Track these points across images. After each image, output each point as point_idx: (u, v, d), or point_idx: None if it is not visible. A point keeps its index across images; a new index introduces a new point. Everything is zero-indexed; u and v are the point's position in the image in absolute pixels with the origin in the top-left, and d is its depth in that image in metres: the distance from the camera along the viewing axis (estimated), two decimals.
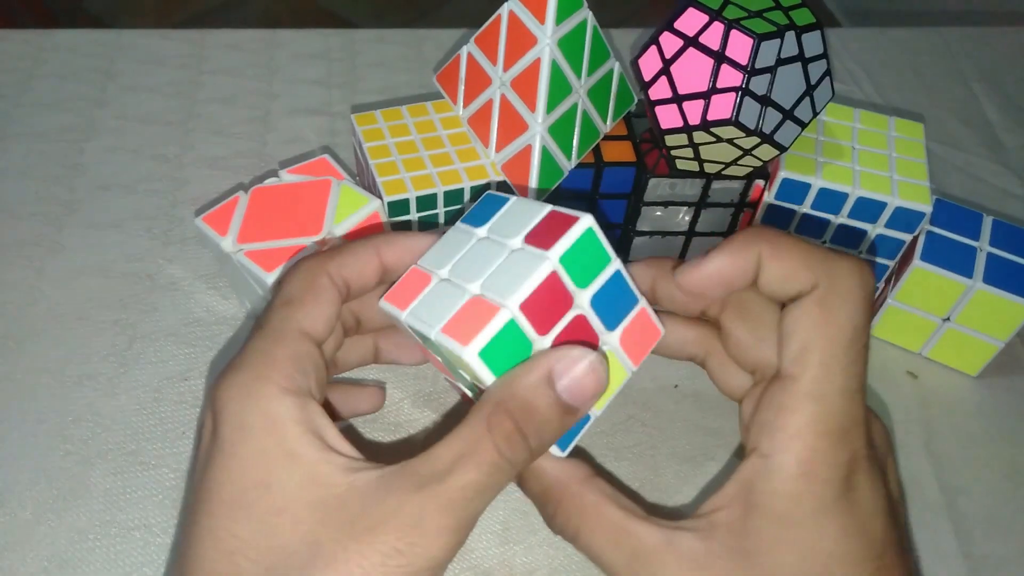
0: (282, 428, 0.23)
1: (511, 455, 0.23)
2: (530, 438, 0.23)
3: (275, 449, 0.23)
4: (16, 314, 0.37)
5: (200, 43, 0.54)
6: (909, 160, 0.39)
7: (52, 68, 0.50)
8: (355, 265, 0.27)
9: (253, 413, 0.23)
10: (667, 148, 0.36)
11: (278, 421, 0.23)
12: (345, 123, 0.49)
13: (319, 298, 0.26)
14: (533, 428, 0.23)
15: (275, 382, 0.24)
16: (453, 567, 0.31)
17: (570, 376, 0.23)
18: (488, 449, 0.23)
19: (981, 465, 0.36)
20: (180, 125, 0.48)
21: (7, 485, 0.32)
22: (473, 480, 0.22)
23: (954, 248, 0.37)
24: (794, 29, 0.33)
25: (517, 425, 0.23)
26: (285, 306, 0.26)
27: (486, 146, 0.37)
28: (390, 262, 0.27)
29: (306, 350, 0.25)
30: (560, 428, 0.24)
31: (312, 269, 0.27)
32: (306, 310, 0.26)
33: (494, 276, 0.24)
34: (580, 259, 0.24)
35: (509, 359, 0.23)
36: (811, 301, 0.24)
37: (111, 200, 0.43)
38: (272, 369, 0.24)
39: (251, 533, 0.22)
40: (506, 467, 0.23)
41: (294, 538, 0.22)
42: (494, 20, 0.36)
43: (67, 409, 0.34)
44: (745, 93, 0.33)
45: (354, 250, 0.27)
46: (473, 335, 0.23)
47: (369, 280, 0.27)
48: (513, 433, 0.23)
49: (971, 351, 0.39)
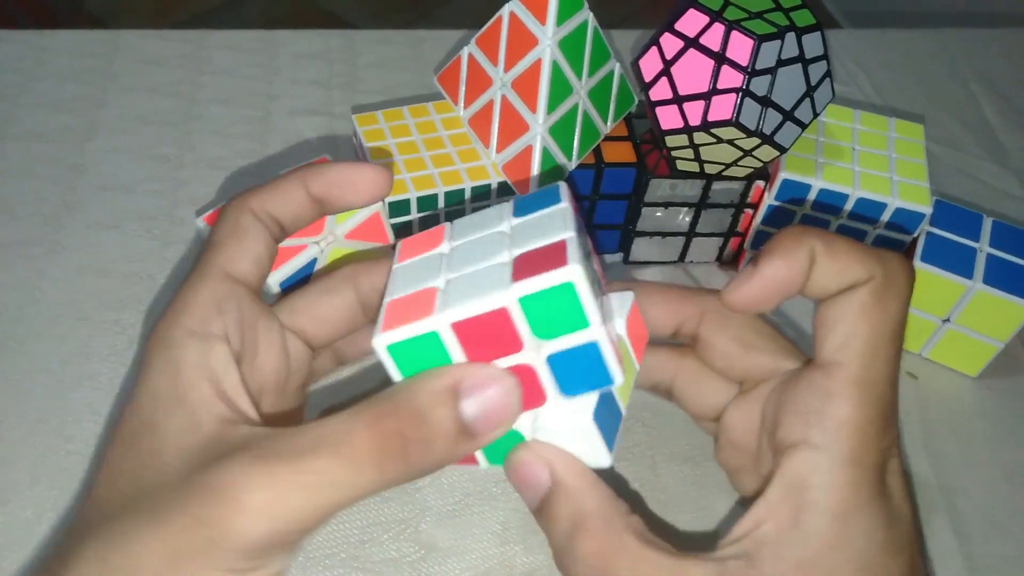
0: (177, 371, 0.23)
1: (380, 461, 0.21)
2: (411, 451, 0.21)
3: (167, 392, 0.23)
4: (16, 314, 0.37)
5: (200, 44, 0.54)
6: (909, 161, 0.39)
7: (52, 69, 0.50)
8: (280, 199, 0.26)
9: (157, 356, 0.23)
10: (668, 149, 0.36)
11: (177, 364, 0.23)
12: (345, 124, 0.49)
13: (243, 237, 0.25)
14: (418, 441, 0.21)
15: (183, 325, 0.23)
16: (452, 567, 0.31)
17: (478, 397, 0.21)
18: (353, 443, 0.21)
19: (981, 466, 0.36)
20: (180, 126, 0.48)
21: (8, 484, 0.32)
22: (321, 468, 0.20)
23: (954, 249, 0.37)
24: (795, 30, 0.33)
25: (400, 431, 0.21)
26: (208, 249, 0.26)
27: (487, 147, 0.37)
28: (318, 193, 0.26)
29: (224, 290, 0.25)
30: (450, 452, 0.22)
31: (235, 208, 0.26)
32: (228, 250, 0.25)
33: (464, 279, 0.22)
34: (547, 310, 0.21)
35: (423, 367, 0.22)
36: (865, 292, 0.23)
37: (111, 200, 0.43)
38: (183, 313, 0.24)
39: (131, 467, 0.22)
40: (368, 472, 0.21)
41: (158, 478, 0.22)
42: (495, 21, 0.36)
43: (68, 409, 0.34)
44: (746, 94, 0.33)
45: (278, 184, 0.26)
46: (394, 326, 0.21)
47: (300, 214, 0.26)
48: (393, 438, 0.21)
49: (971, 352, 0.39)
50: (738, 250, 0.42)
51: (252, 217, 0.26)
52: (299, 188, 0.26)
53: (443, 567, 0.31)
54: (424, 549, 0.31)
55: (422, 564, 0.31)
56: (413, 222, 0.37)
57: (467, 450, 0.22)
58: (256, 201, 0.26)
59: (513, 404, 0.22)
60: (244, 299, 0.25)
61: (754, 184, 0.39)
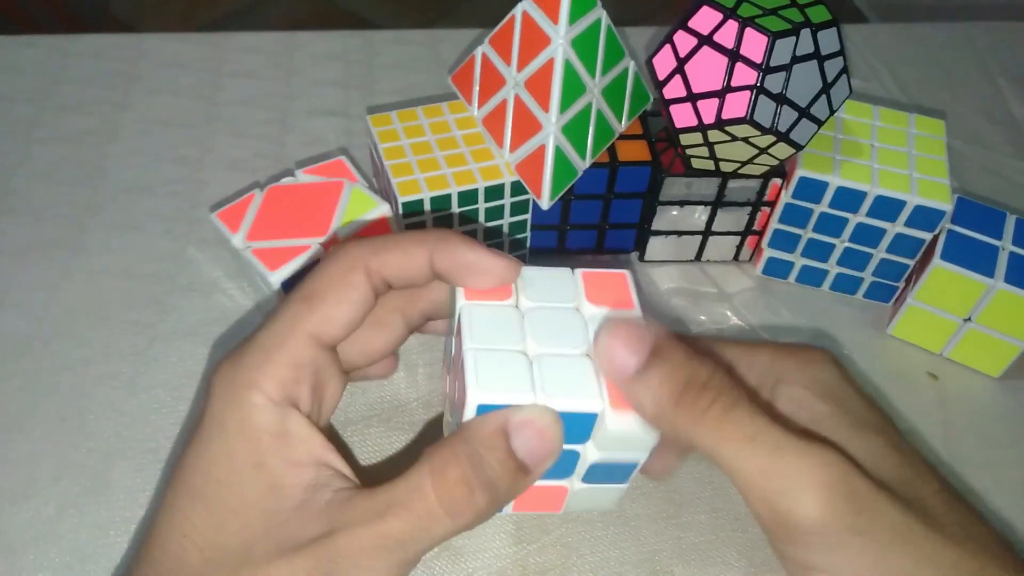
0: (255, 437, 0.24)
1: (452, 510, 0.22)
2: (478, 496, 0.22)
3: (244, 455, 0.24)
4: (40, 314, 0.38)
5: (220, 46, 0.54)
6: (929, 158, 0.38)
7: (76, 72, 0.51)
8: (399, 263, 0.25)
9: (233, 415, 0.24)
10: (682, 147, 0.36)
11: (254, 430, 0.24)
12: (362, 124, 0.49)
13: (344, 296, 0.25)
14: (482, 485, 0.22)
15: (263, 389, 0.24)
16: (466, 566, 0.31)
17: (526, 432, 0.23)
18: (424, 498, 0.22)
19: (1003, 468, 0.35)
20: (200, 128, 0.48)
21: (31, 480, 0.32)
22: (399, 528, 0.22)
23: (976, 247, 0.37)
24: (810, 27, 0.33)
25: (465, 479, 0.22)
26: (303, 300, 0.25)
27: (500, 146, 0.37)
28: (443, 268, 0.25)
29: (309, 357, 0.25)
30: (510, 489, 0.23)
31: (347, 259, 0.25)
32: (324, 310, 0.25)
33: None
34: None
35: None
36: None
37: (133, 202, 0.44)
38: (263, 375, 0.24)
39: (204, 523, 0.23)
40: (443, 522, 0.22)
41: (237, 539, 0.23)
42: (508, 21, 0.36)
43: (88, 407, 0.35)
44: (760, 91, 0.32)
45: (400, 246, 0.25)
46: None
47: (414, 280, 0.26)
48: (459, 483, 0.22)
49: (993, 352, 0.38)
50: (755, 249, 0.42)
51: (363, 277, 0.25)
52: (422, 257, 0.25)
53: (456, 566, 0.31)
54: (438, 548, 0.31)
55: (435, 563, 0.31)
56: (425, 222, 0.37)
57: (525, 485, 0.24)
58: (376, 260, 0.25)
59: (556, 434, 0.23)
60: (322, 366, 0.26)
61: (771, 182, 0.38)
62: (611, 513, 0.32)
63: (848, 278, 0.41)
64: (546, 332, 0.24)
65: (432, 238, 0.26)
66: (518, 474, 0.23)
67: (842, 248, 0.39)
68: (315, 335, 0.25)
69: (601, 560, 0.31)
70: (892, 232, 0.38)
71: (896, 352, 0.40)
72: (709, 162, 0.37)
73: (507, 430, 0.23)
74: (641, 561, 0.31)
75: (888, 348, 0.40)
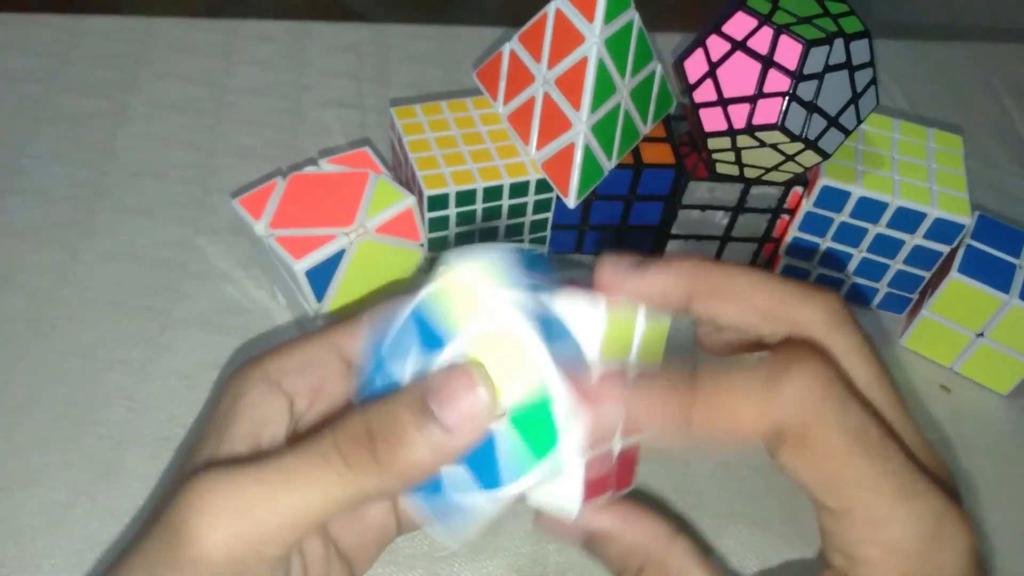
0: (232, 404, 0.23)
1: (348, 459, 0.20)
2: (380, 448, 0.20)
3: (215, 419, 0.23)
4: (48, 297, 0.37)
5: (231, 33, 0.54)
6: (948, 172, 0.39)
7: (84, 53, 0.50)
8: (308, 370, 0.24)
9: (228, 389, 0.23)
10: (708, 151, 0.36)
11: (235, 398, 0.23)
12: (376, 117, 0.49)
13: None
14: (386, 437, 0.20)
15: (263, 369, 0.24)
16: (485, 563, 0.31)
17: (443, 383, 0.20)
18: (323, 444, 0.20)
19: (1015, 482, 0.36)
20: (211, 114, 0.48)
21: (40, 466, 0.31)
22: (282, 468, 0.20)
23: (993, 263, 0.37)
24: (843, 36, 0.33)
25: (368, 428, 0.20)
26: (342, 320, 0.25)
27: (526, 144, 0.37)
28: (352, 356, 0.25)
29: (321, 357, 0.24)
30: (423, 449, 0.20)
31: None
32: (352, 329, 0.24)
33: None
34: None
35: None
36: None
37: (143, 186, 0.43)
38: (271, 360, 0.24)
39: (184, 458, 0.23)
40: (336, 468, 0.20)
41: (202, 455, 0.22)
42: (540, 18, 0.36)
43: (99, 393, 0.34)
44: (792, 98, 0.33)
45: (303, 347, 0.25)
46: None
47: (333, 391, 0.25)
48: (359, 434, 0.20)
49: (1003, 369, 0.38)
50: (772, 256, 0.42)
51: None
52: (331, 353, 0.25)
53: (476, 563, 0.31)
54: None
55: (455, 560, 0.31)
56: (449, 216, 0.37)
57: (445, 451, 0.20)
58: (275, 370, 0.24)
59: (483, 397, 0.20)
60: (335, 373, 0.24)
61: (792, 190, 0.39)
62: None
63: (864, 288, 0.41)
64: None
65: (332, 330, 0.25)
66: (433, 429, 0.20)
67: (859, 258, 0.40)
68: (337, 344, 0.25)
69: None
70: (910, 244, 0.38)
71: (908, 364, 0.40)
72: (734, 167, 0.37)
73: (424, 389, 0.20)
74: None
75: (900, 359, 0.40)
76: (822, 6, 0.34)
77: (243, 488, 0.20)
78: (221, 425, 0.23)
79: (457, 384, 0.20)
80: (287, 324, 0.38)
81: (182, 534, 0.19)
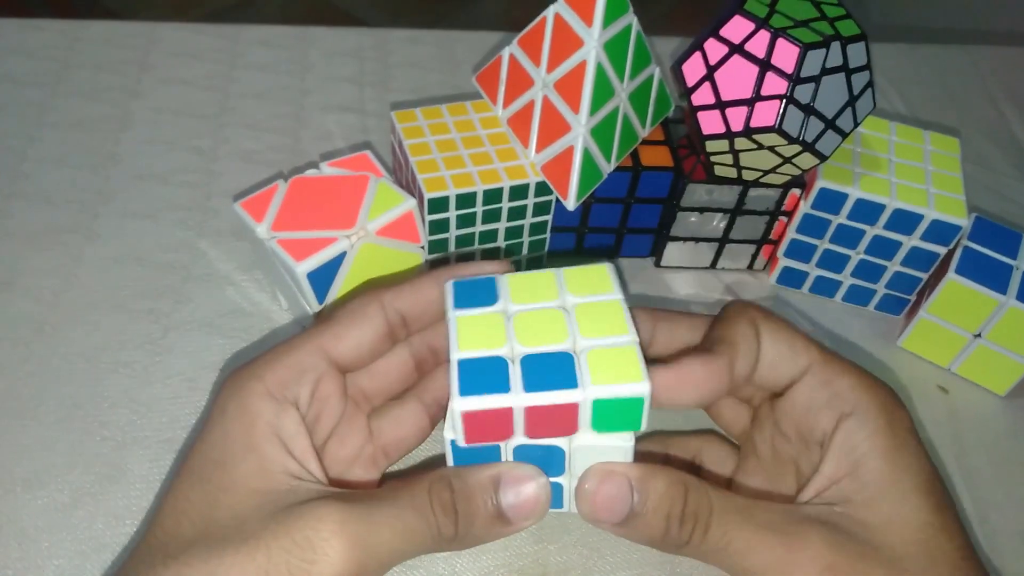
0: (251, 423, 0.25)
1: (439, 521, 0.24)
2: (460, 522, 0.24)
3: (239, 438, 0.25)
4: (52, 300, 0.37)
5: (233, 38, 0.54)
6: (945, 174, 0.39)
7: (87, 58, 0.51)
8: (413, 297, 0.28)
9: (234, 402, 0.26)
10: (706, 154, 0.36)
11: (251, 416, 0.26)
12: (377, 121, 0.49)
13: (357, 323, 0.28)
14: (464, 512, 0.24)
15: (264, 382, 0.26)
16: (487, 563, 0.31)
17: (515, 489, 0.25)
18: (425, 509, 0.24)
19: (1013, 483, 0.36)
20: (214, 118, 0.48)
21: (45, 467, 0.32)
22: (404, 525, 0.24)
23: (990, 264, 0.37)
24: (839, 40, 0.33)
25: (453, 501, 0.24)
26: (320, 323, 0.28)
27: (526, 147, 0.37)
28: None
29: (312, 363, 0.27)
30: (486, 531, 0.25)
31: (366, 297, 0.28)
32: (337, 330, 0.28)
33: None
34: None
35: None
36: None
37: (146, 190, 0.43)
38: (268, 371, 0.26)
39: (199, 500, 0.25)
40: (433, 533, 0.24)
41: (229, 513, 0.24)
42: (538, 22, 0.36)
43: (102, 395, 0.34)
44: (789, 101, 0.33)
45: (416, 282, 0.28)
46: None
47: (428, 311, 0.28)
48: (448, 505, 0.24)
49: (1000, 370, 0.39)
50: (770, 258, 0.42)
51: (378, 307, 0.28)
52: (433, 288, 0.28)
53: (478, 563, 0.31)
54: None
55: (456, 560, 0.31)
56: (449, 219, 0.37)
57: (502, 533, 0.25)
58: (389, 295, 0.28)
59: (543, 500, 0.25)
60: (327, 375, 0.28)
61: (789, 192, 0.39)
62: None
63: (861, 289, 0.41)
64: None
65: (439, 271, 0.29)
66: (497, 521, 0.25)
67: (857, 260, 0.40)
68: (324, 348, 0.27)
69: (622, 560, 0.31)
70: (908, 245, 0.38)
71: (906, 365, 0.40)
72: (732, 170, 0.37)
73: (497, 480, 0.25)
74: (662, 562, 0.31)
75: (898, 360, 0.40)
76: (819, 10, 0.35)
77: (360, 523, 0.24)
78: (253, 445, 0.25)
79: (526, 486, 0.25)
80: (288, 326, 0.38)
81: (308, 555, 0.23)
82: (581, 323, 0.25)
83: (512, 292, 0.26)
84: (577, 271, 0.27)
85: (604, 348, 0.24)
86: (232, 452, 0.25)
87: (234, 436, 0.25)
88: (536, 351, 0.24)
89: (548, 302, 0.26)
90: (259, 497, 0.24)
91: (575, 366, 0.24)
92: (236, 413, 0.26)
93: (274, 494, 0.24)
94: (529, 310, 0.26)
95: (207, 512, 0.24)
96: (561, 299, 0.26)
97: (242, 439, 0.25)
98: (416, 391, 0.31)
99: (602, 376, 0.23)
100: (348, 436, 0.29)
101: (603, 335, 0.25)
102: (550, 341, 0.25)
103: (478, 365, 0.24)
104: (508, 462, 0.25)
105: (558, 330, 0.25)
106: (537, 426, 0.24)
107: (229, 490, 0.24)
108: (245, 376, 0.26)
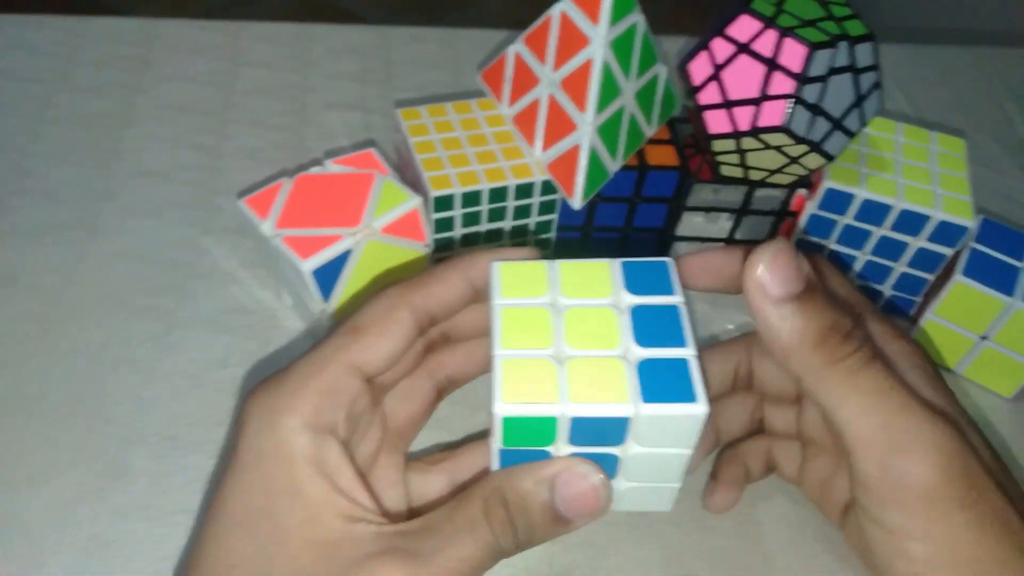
0: (291, 463, 0.24)
1: (502, 541, 0.24)
2: (520, 535, 0.24)
3: (282, 482, 0.24)
4: (55, 297, 0.37)
5: (236, 35, 0.54)
6: (951, 175, 0.39)
7: (90, 55, 0.50)
8: (443, 291, 0.27)
9: (269, 440, 0.24)
10: (713, 153, 0.36)
11: (290, 455, 0.24)
12: (380, 119, 0.49)
13: (386, 332, 0.26)
14: (523, 524, 0.24)
15: (299, 414, 0.24)
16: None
17: (570, 490, 0.24)
18: (484, 531, 0.24)
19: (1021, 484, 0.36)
20: (217, 115, 0.48)
21: (48, 465, 0.32)
22: (468, 555, 0.23)
23: (997, 266, 0.37)
24: (847, 39, 0.33)
25: (509, 516, 0.24)
26: (347, 333, 0.26)
27: (531, 145, 0.37)
28: (480, 282, 0.27)
29: (344, 384, 0.25)
30: (547, 534, 0.25)
31: (392, 299, 0.26)
32: (367, 341, 0.25)
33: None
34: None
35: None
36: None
37: (149, 187, 0.43)
38: (300, 400, 0.24)
39: (251, 554, 0.23)
40: (495, 551, 0.24)
41: (287, 570, 0.23)
42: (544, 21, 0.36)
43: (106, 392, 0.34)
44: (797, 101, 0.33)
45: (439, 276, 0.27)
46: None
47: (456, 306, 0.27)
48: (506, 525, 0.24)
49: (1007, 372, 0.39)
50: None
51: (407, 313, 0.26)
52: (460, 280, 0.27)
53: None
54: None
55: None
56: (454, 218, 0.37)
57: (562, 532, 0.25)
58: (418, 295, 0.26)
59: (602, 498, 0.24)
60: (358, 396, 0.26)
61: (796, 192, 0.39)
62: (637, 515, 0.32)
63: (867, 291, 0.41)
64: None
65: (462, 261, 0.27)
66: (556, 523, 0.24)
67: (863, 261, 0.40)
68: (355, 364, 0.25)
69: (626, 560, 0.31)
70: (914, 246, 0.38)
71: None
72: (738, 169, 0.37)
73: (552, 483, 0.24)
74: (666, 563, 0.31)
75: None
76: (826, 9, 0.34)
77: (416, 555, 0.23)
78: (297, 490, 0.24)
79: (581, 486, 0.24)
80: (292, 324, 0.38)
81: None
82: (636, 327, 0.24)
83: (563, 283, 0.25)
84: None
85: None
86: (277, 500, 0.23)
87: (276, 480, 0.24)
88: (584, 353, 0.23)
89: (601, 299, 0.25)
90: (315, 550, 0.23)
91: (626, 375, 0.23)
92: (274, 453, 0.24)
93: (330, 546, 0.23)
94: (580, 306, 0.24)
95: (263, 567, 0.23)
96: (615, 296, 0.25)
97: (285, 484, 0.24)
98: (425, 366, 0.30)
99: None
100: (370, 431, 0.28)
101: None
102: (600, 345, 0.23)
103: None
104: (562, 458, 0.24)
105: (609, 334, 0.24)
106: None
107: (282, 543, 0.23)
108: (277, 408, 0.24)
